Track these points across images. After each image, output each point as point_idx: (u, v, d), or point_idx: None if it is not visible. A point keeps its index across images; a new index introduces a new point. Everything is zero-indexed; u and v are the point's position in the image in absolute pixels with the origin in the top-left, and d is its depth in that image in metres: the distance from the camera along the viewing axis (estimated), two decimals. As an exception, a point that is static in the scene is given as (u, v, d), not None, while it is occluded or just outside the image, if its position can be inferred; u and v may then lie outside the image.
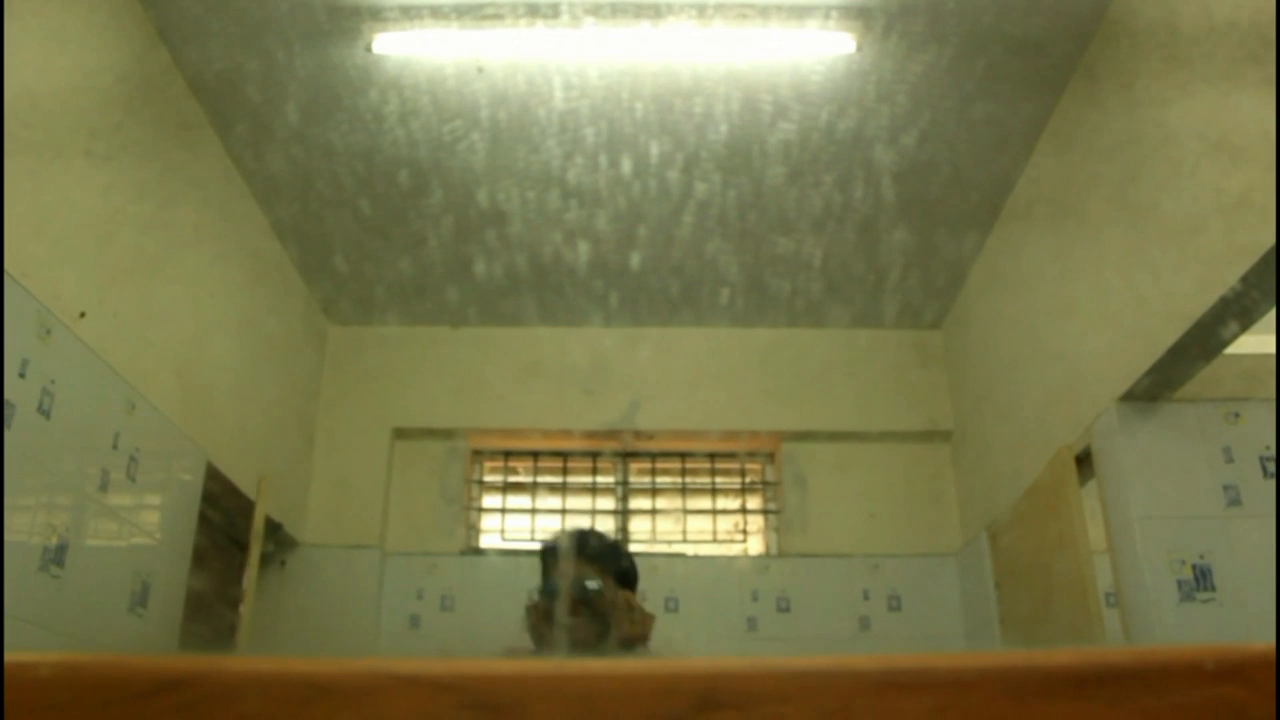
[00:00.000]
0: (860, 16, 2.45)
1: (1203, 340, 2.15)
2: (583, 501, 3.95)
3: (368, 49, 2.53)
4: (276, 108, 2.74)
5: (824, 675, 0.34)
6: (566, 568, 1.76)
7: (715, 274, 3.54)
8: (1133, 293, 2.39)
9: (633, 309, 3.80)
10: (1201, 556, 2.32)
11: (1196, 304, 2.07)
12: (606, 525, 3.85)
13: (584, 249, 3.36)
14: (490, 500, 3.97)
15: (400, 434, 3.90)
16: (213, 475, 2.88)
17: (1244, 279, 1.91)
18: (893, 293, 3.68)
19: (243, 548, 3.12)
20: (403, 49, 2.55)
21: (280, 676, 0.34)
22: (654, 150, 2.85)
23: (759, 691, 0.33)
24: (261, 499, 3.06)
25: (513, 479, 3.95)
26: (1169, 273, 2.20)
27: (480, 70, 2.58)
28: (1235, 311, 2.01)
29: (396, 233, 3.33)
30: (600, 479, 3.96)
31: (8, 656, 0.34)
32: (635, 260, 3.43)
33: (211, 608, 3.03)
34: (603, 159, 2.88)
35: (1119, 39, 2.42)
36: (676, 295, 3.61)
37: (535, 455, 3.97)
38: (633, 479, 3.96)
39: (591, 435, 3.85)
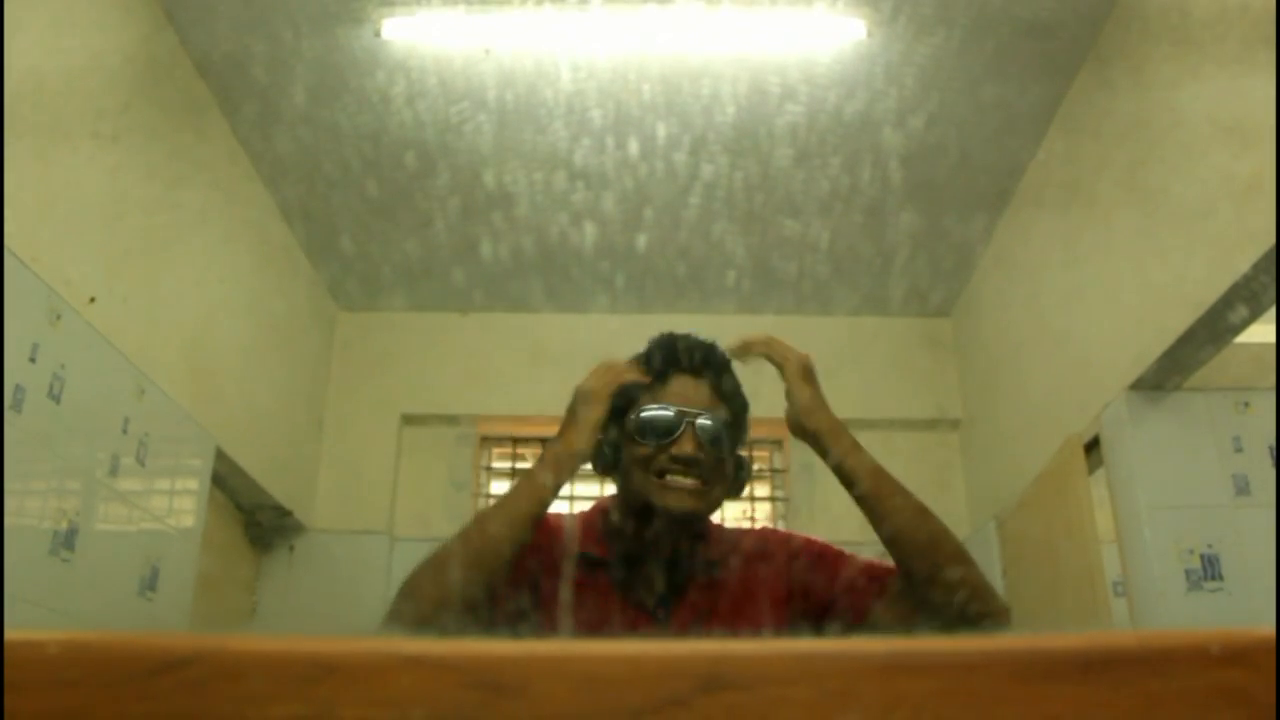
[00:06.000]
0: (869, 1, 2.44)
1: (1212, 328, 2.14)
2: (591, 488, 3.95)
3: (376, 34, 2.53)
4: (283, 90, 2.74)
5: (828, 657, 0.34)
6: (689, 392, 1.21)
7: (722, 256, 3.53)
8: (1143, 279, 2.37)
9: (639, 292, 3.79)
10: (1210, 546, 2.31)
11: (1206, 290, 2.05)
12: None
13: (590, 231, 3.35)
14: (498, 486, 3.97)
15: (409, 420, 3.90)
16: (222, 460, 2.89)
17: (1254, 267, 1.90)
18: (901, 278, 3.67)
19: (250, 533, 3.13)
20: (410, 34, 2.54)
21: (286, 655, 0.34)
22: (661, 132, 2.84)
23: (763, 673, 0.33)
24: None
25: (520, 465, 3.96)
26: (1179, 258, 2.19)
27: (487, 52, 2.57)
28: (1245, 298, 2.00)
29: (403, 214, 3.33)
30: (608, 466, 3.94)
31: (16, 634, 0.34)
32: (642, 242, 3.42)
33: (221, 591, 3.04)
34: (609, 141, 2.87)
35: (1130, 22, 2.40)
36: (683, 277, 3.60)
37: (543, 441, 3.96)
38: (640, 465, 3.94)
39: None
